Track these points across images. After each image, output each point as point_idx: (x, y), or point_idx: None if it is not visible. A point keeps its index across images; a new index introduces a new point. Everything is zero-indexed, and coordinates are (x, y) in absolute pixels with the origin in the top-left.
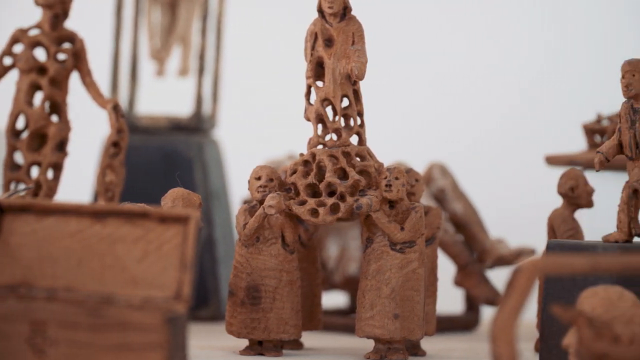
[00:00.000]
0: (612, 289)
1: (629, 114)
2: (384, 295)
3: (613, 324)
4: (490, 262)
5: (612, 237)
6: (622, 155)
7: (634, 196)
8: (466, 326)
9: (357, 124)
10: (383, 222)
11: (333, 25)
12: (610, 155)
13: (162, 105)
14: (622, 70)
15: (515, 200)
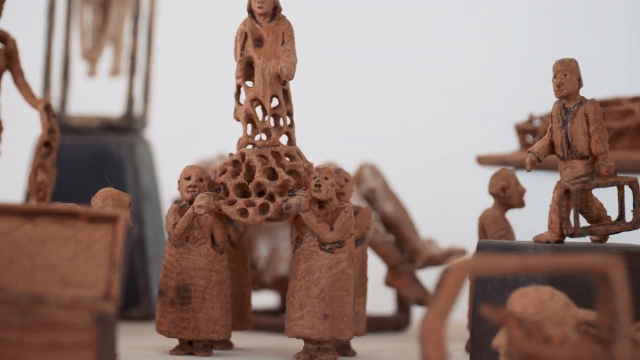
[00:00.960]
0: (543, 289)
1: (560, 114)
2: (314, 295)
3: (544, 324)
4: (421, 262)
5: (544, 238)
6: (553, 155)
7: (565, 196)
8: (397, 326)
9: (286, 123)
10: (312, 222)
11: (263, 25)
12: (541, 155)
13: (94, 106)
14: (554, 70)
15: (446, 201)
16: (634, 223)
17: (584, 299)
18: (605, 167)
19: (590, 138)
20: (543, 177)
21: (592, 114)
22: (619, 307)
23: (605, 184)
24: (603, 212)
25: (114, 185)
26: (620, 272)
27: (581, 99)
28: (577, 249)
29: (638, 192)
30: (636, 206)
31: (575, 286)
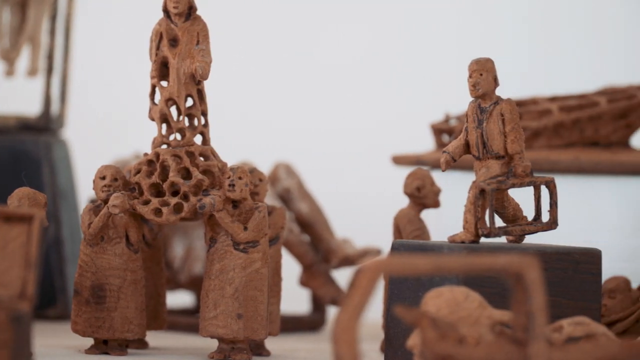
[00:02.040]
0: (458, 289)
1: (476, 114)
2: (228, 295)
3: (458, 325)
4: (336, 262)
5: (458, 238)
6: (469, 155)
7: (480, 196)
8: (312, 326)
9: (201, 123)
10: (226, 222)
11: (178, 25)
12: (456, 155)
13: (11, 105)
14: (470, 70)
15: (362, 200)
16: (550, 223)
17: (499, 300)
18: (521, 167)
19: (506, 138)
20: (459, 177)
21: (508, 113)
22: (534, 307)
23: (522, 184)
24: (519, 212)
25: (31, 185)
26: (535, 272)
27: (497, 98)
28: (493, 249)
29: (555, 192)
30: (553, 206)
31: (490, 286)
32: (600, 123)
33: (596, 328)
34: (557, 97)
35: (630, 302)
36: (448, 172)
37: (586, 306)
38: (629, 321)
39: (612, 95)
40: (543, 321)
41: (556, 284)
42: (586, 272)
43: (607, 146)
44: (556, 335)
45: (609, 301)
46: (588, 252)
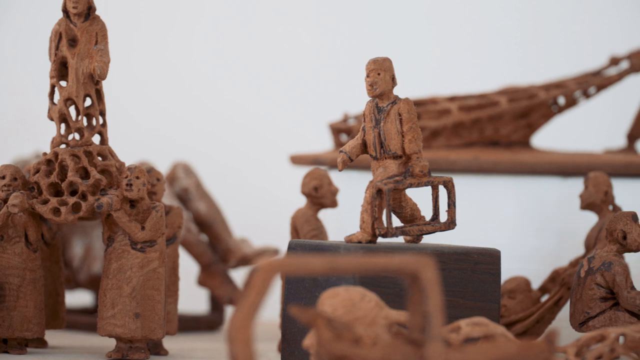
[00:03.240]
0: (354, 289)
1: (373, 113)
2: (125, 294)
3: (355, 325)
4: (234, 261)
5: (355, 238)
6: (367, 155)
7: (377, 196)
8: (210, 326)
9: (99, 123)
10: (124, 222)
11: (77, 25)
12: (353, 155)
13: None
14: (367, 69)
15: (260, 200)
16: (449, 223)
17: (396, 300)
18: (418, 167)
19: (403, 137)
20: (356, 176)
21: (406, 113)
22: (430, 308)
23: (419, 184)
24: (417, 212)
25: None
26: (431, 272)
27: (395, 97)
28: (389, 249)
29: (453, 192)
30: (451, 206)
31: (387, 287)
32: (500, 123)
33: (495, 328)
34: (456, 97)
35: (531, 302)
36: (345, 171)
37: (485, 306)
38: (529, 322)
39: (513, 94)
40: (440, 321)
41: (454, 284)
42: (485, 272)
43: (507, 146)
44: (454, 335)
45: (508, 301)
46: (487, 252)
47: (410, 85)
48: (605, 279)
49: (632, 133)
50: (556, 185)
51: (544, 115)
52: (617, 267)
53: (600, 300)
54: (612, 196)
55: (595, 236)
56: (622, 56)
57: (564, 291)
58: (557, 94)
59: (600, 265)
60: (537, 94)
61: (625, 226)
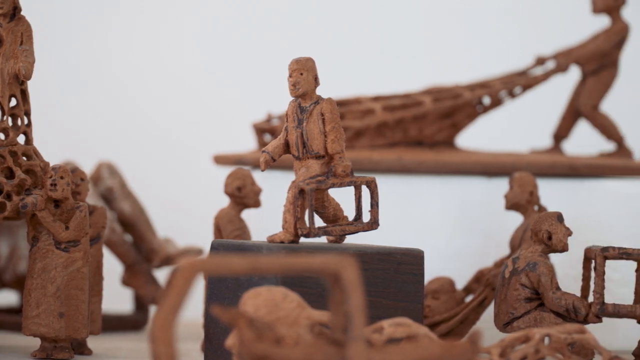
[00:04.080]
0: (276, 289)
1: (296, 113)
2: (49, 294)
3: (276, 325)
4: (158, 261)
5: (278, 238)
6: (290, 155)
7: (300, 196)
8: (135, 326)
9: (24, 123)
10: (48, 221)
11: (2, 25)
12: (276, 155)
13: None
14: (290, 69)
15: (184, 200)
16: (371, 223)
17: (319, 300)
18: (341, 167)
19: (326, 137)
20: (279, 176)
21: (329, 113)
22: (352, 308)
23: (342, 184)
24: (340, 212)
25: None
26: (352, 272)
27: (317, 97)
28: (312, 249)
29: (376, 192)
30: (374, 206)
31: (310, 287)
32: (424, 122)
33: (418, 329)
34: (380, 97)
35: (455, 303)
36: (268, 171)
37: (408, 307)
38: (453, 322)
39: (437, 94)
40: (362, 322)
41: (377, 285)
42: (408, 272)
43: (431, 146)
44: (376, 336)
45: (432, 302)
46: (410, 252)
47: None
48: (530, 279)
49: (558, 133)
50: (481, 186)
51: (468, 115)
52: (542, 267)
53: (525, 300)
54: (538, 196)
55: (520, 236)
56: (548, 56)
57: (489, 292)
58: (482, 94)
59: (525, 266)
60: (462, 94)
61: (551, 226)
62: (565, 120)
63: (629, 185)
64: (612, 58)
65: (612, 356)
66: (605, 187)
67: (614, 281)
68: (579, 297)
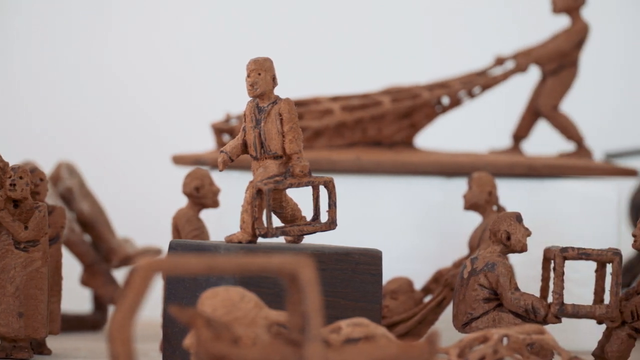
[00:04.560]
0: (234, 290)
1: (254, 113)
2: (9, 294)
3: (234, 325)
4: (117, 261)
5: (236, 238)
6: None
7: (257, 196)
8: (94, 326)
9: None
10: (7, 221)
11: None
12: (234, 155)
13: None
14: (248, 69)
15: (143, 200)
16: (329, 223)
17: (276, 300)
18: (299, 167)
19: (284, 137)
20: (238, 176)
21: (287, 113)
22: (309, 308)
23: (299, 184)
24: (298, 212)
25: None
26: (309, 273)
27: (275, 98)
28: (270, 249)
29: (334, 192)
30: (332, 206)
31: (267, 287)
32: (383, 123)
33: (375, 329)
34: (339, 97)
35: (413, 303)
36: (227, 171)
37: (366, 307)
38: (411, 322)
39: (396, 94)
40: (319, 322)
41: (335, 285)
42: (366, 272)
43: (390, 146)
44: (334, 336)
45: (391, 302)
46: (368, 252)
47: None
48: (489, 279)
49: (518, 133)
50: (439, 186)
51: (427, 115)
52: (501, 267)
53: (484, 301)
54: (496, 197)
55: (479, 237)
56: (508, 56)
57: (447, 292)
58: (441, 94)
59: (483, 266)
60: (421, 94)
61: (509, 227)
62: (525, 120)
63: (588, 186)
64: (572, 58)
65: (571, 357)
66: (565, 188)
67: (573, 281)
68: (538, 297)
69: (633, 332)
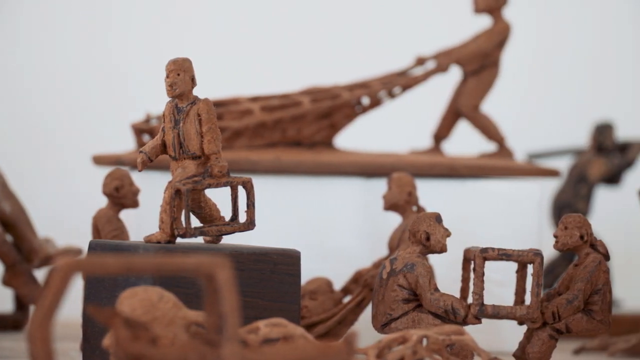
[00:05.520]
0: (153, 290)
1: (173, 114)
2: None
3: (152, 325)
4: (38, 261)
5: (154, 238)
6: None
7: (176, 196)
8: (15, 325)
9: None
10: None
11: None
12: (153, 155)
13: None
14: (167, 70)
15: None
16: (248, 224)
17: (195, 300)
18: (217, 167)
19: (202, 138)
20: (158, 176)
21: (205, 113)
22: (226, 308)
23: (218, 184)
24: (216, 212)
25: None
26: (226, 273)
27: (194, 98)
28: (188, 249)
29: (252, 193)
30: (250, 207)
31: (186, 287)
32: (303, 123)
33: (294, 330)
34: (259, 97)
35: (332, 303)
36: (146, 172)
37: (284, 307)
38: (330, 323)
39: (316, 95)
40: (236, 322)
41: (253, 285)
42: (284, 273)
43: (310, 146)
44: (252, 336)
45: (310, 303)
46: (286, 253)
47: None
48: (408, 280)
49: (439, 133)
50: (359, 186)
51: (347, 115)
52: (420, 268)
53: (403, 301)
54: (416, 197)
55: (398, 237)
56: (429, 56)
57: (367, 292)
58: (361, 94)
59: (402, 267)
60: (341, 94)
61: (429, 227)
62: (446, 120)
63: (509, 186)
64: (493, 58)
65: (491, 358)
66: (486, 188)
67: (494, 282)
68: (458, 298)
69: (554, 333)
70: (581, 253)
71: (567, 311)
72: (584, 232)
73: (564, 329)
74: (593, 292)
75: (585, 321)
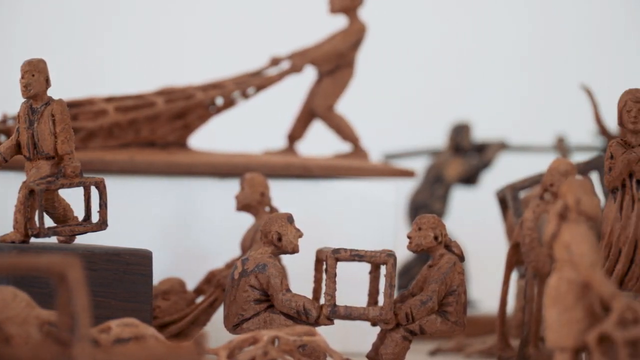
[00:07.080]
0: (6, 289)
1: (27, 114)
2: None
3: (6, 324)
4: None
5: (9, 237)
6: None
7: (30, 196)
8: None
9: None
10: None
11: None
12: (8, 156)
13: None
14: (22, 70)
15: None
16: (100, 224)
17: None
18: (70, 168)
19: (56, 138)
20: (13, 177)
21: (59, 114)
22: (77, 308)
23: (71, 185)
24: (70, 212)
25: None
26: (77, 272)
27: (48, 99)
28: (42, 249)
29: (104, 193)
30: (102, 207)
31: (40, 287)
32: (157, 123)
33: (145, 330)
34: (113, 98)
35: (185, 303)
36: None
37: (137, 307)
38: (183, 323)
39: (170, 95)
40: (87, 322)
41: (106, 285)
42: (136, 273)
43: (163, 146)
44: (104, 336)
45: (162, 303)
46: (138, 253)
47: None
48: (260, 280)
49: (292, 134)
50: (212, 186)
51: (201, 116)
52: (272, 269)
53: (255, 302)
54: (269, 197)
55: (251, 238)
56: (283, 56)
57: (219, 293)
58: (215, 95)
59: (254, 267)
60: (195, 95)
61: (281, 228)
62: (300, 121)
63: (363, 186)
64: (349, 58)
65: (343, 359)
66: (340, 188)
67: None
68: (310, 299)
69: (408, 334)
70: (435, 254)
71: (421, 312)
72: (438, 233)
73: (417, 330)
74: (448, 293)
75: (440, 322)
